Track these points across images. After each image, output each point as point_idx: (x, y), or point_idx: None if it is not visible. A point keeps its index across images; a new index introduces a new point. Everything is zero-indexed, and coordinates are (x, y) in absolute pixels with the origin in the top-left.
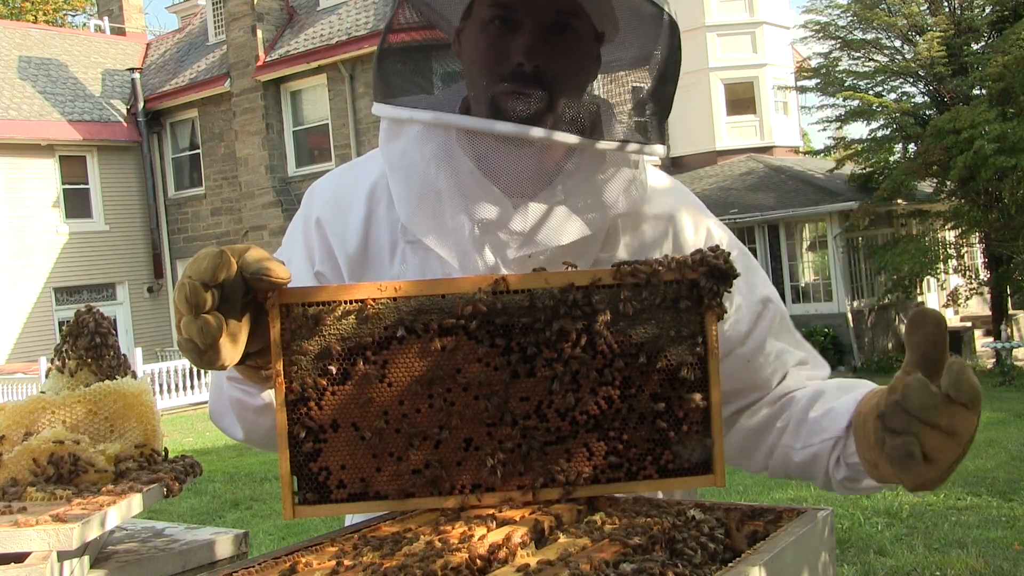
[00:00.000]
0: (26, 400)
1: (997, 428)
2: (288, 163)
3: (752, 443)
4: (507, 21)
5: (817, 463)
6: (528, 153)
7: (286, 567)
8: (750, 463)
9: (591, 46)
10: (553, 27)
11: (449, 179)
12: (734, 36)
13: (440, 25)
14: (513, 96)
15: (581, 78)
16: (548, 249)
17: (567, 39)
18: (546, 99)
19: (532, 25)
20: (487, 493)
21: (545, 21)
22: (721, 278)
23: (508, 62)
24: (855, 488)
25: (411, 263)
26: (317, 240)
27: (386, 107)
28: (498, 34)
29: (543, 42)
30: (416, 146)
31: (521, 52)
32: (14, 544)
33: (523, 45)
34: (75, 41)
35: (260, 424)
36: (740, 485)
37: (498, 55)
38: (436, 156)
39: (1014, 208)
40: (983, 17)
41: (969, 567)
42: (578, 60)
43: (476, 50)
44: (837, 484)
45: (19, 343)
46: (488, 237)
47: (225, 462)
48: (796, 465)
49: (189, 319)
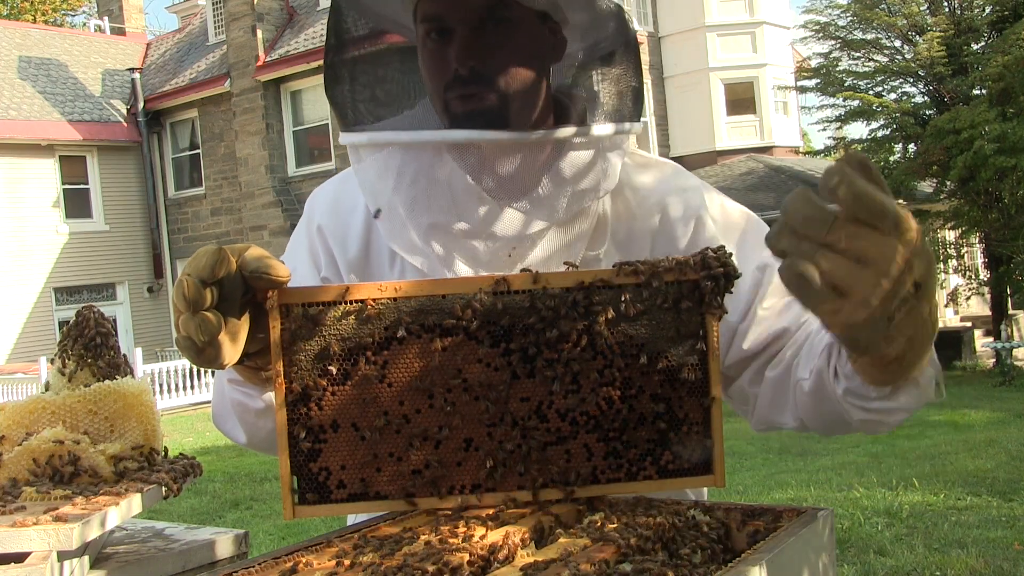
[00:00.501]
0: (26, 400)
1: (997, 428)
2: (288, 163)
3: (779, 393)
4: (442, 32)
5: (823, 383)
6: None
7: (286, 567)
8: (785, 418)
9: (534, 31)
10: (485, 23)
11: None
12: (734, 36)
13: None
14: (459, 100)
15: (527, 65)
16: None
17: (501, 32)
18: (492, 97)
19: (463, 29)
20: (487, 493)
21: (473, 21)
22: (722, 279)
23: (448, 70)
24: (867, 408)
25: (410, 269)
26: (320, 247)
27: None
28: (436, 47)
29: (476, 42)
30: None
31: (455, 58)
32: (14, 544)
33: (455, 51)
34: (75, 41)
35: (261, 427)
36: (740, 485)
37: (440, 64)
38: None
39: (1014, 208)
40: (983, 17)
41: (969, 567)
42: (518, 48)
43: (424, 67)
44: (848, 406)
45: (19, 343)
46: (456, 249)
47: (225, 462)
48: (810, 398)
49: (187, 316)
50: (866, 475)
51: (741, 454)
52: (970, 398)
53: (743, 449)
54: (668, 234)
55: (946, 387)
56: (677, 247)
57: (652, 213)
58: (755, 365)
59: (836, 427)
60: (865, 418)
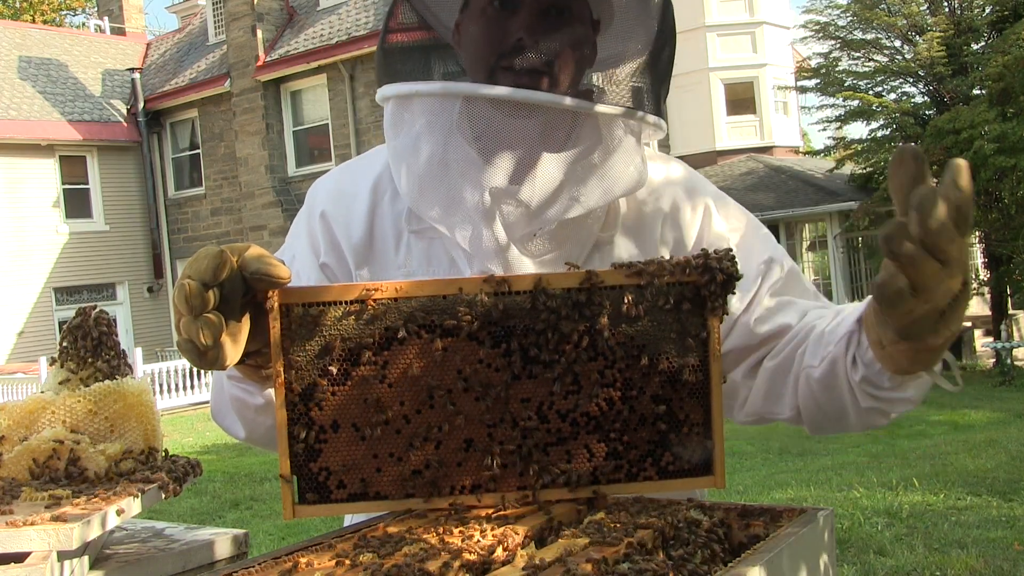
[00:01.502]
0: (26, 400)
1: (997, 428)
2: (288, 163)
3: (778, 382)
4: (505, 3)
5: (836, 371)
6: (533, 124)
7: (286, 567)
8: (780, 408)
9: (587, 27)
10: (551, 8)
11: (455, 151)
12: (734, 36)
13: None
14: (516, 68)
15: (580, 57)
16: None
17: (565, 20)
18: (549, 72)
19: (531, 6)
20: (487, 493)
21: (543, 3)
22: (724, 280)
23: (509, 39)
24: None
25: (416, 253)
26: (321, 232)
27: (392, 86)
28: (497, 16)
29: (541, 21)
30: (421, 126)
31: (522, 29)
32: (14, 544)
33: (523, 23)
34: (75, 41)
35: (260, 423)
36: (740, 485)
37: (499, 35)
38: (442, 130)
39: (1014, 208)
40: (983, 17)
41: (969, 567)
42: (577, 40)
43: (477, 31)
44: (860, 393)
45: (19, 343)
46: (496, 208)
47: (225, 462)
48: (818, 385)
49: (189, 320)
50: (866, 475)
51: (741, 454)
52: (970, 398)
53: (743, 449)
54: (676, 222)
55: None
56: (685, 235)
57: (661, 201)
58: (752, 359)
59: (831, 421)
60: (872, 406)
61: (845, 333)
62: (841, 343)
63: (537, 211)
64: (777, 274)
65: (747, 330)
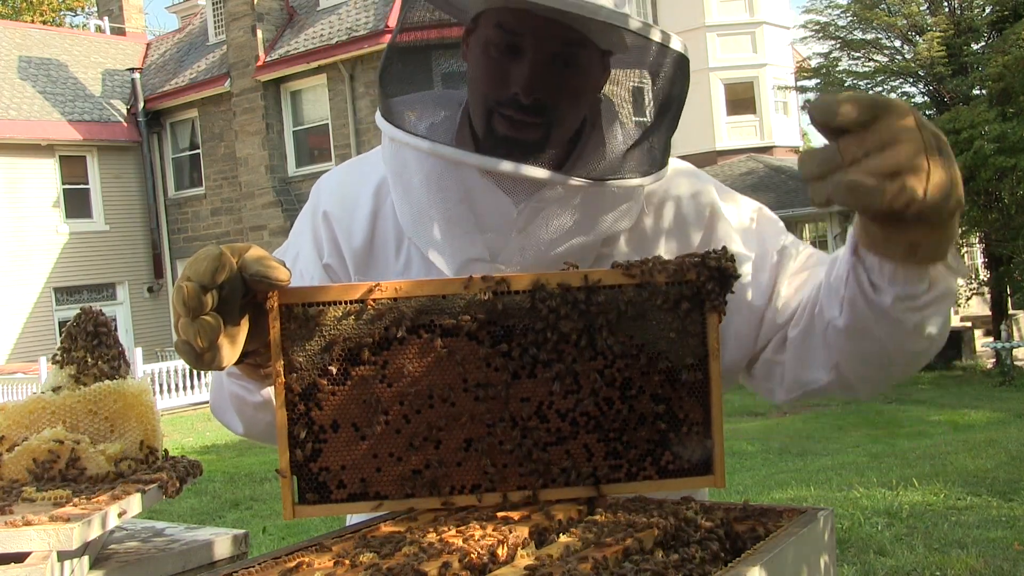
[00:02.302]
0: (26, 400)
1: (997, 428)
2: (288, 163)
3: (807, 346)
4: (511, 46)
5: (858, 308)
6: (521, 189)
7: (286, 567)
8: (816, 373)
9: (595, 76)
10: (556, 58)
11: (441, 209)
12: (734, 36)
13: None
14: (507, 121)
15: (579, 109)
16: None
17: (570, 72)
18: (540, 131)
19: (536, 55)
20: (487, 493)
21: (548, 52)
22: (722, 279)
23: (506, 90)
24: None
25: (416, 261)
26: (324, 233)
27: (387, 126)
28: (500, 58)
29: (544, 74)
30: (413, 163)
31: (521, 82)
32: (14, 544)
33: (524, 76)
34: (75, 41)
35: (259, 420)
36: (740, 485)
37: (498, 80)
38: (430, 182)
39: (1014, 208)
40: (983, 17)
41: (969, 567)
42: (578, 93)
43: (478, 68)
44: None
45: (19, 343)
46: (481, 264)
47: (225, 462)
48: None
49: (187, 321)
50: (866, 475)
51: (741, 454)
52: (970, 398)
53: (743, 449)
54: (682, 230)
55: (949, 385)
56: (691, 243)
57: (665, 219)
58: (779, 335)
59: (875, 367)
60: (917, 320)
61: (848, 271)
62: (851, 282)
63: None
64: (792, 260)
65: (772, 322)
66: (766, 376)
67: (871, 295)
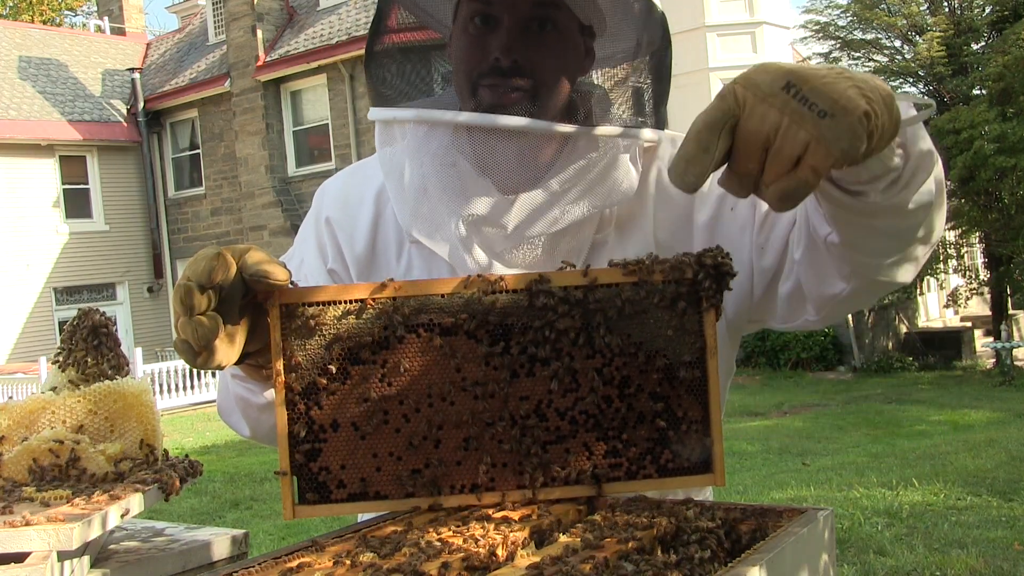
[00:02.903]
0: (26, 400)
1: (997, 428)
2: (288, 163)
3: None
4: (486, 18)
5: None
6: (513, 146)
7: (286, 567)
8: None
9: (574, 39)
10: (532, 21)
11: (435, 176)
12: (734, 36)
13: (435, 27)
14: (491, 89)
15: (563, 70)
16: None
17: (547, 33)
18: (526, 91)
19: (510, 21)
20: (487, 493)
21: (523, 16)
22: (718, 277)
23: (487, 59)
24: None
25: (416, 263)
26: (328, 239)
27: (376, 110)
28: (478, 32)
29: (521, 37)
30: (405, 147)
31: (498, 48)
32: (14, 544)
33: (500, 41)
34: (75, 41)
35: (264, 421)
36: (740, 485)
37: (478, 52)
38: (422, 154)
39: (1014, 208)
40: (983, 17)
41: (969, 567)
42: (559, 52)
43: (459, 49)
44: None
45: (19, 343)
46: (476, 233)
47: (225, 462)
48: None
49: (185, 320)
50: (866, 475)
51: (741, 454)
52: (970, 398)
53: (743, 449)
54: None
55: (949, 385)
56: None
57: (650, 189)
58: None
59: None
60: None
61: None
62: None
63: (517, 231)
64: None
65: (762, 270)
66: (794, 306)
67: (853, 203)
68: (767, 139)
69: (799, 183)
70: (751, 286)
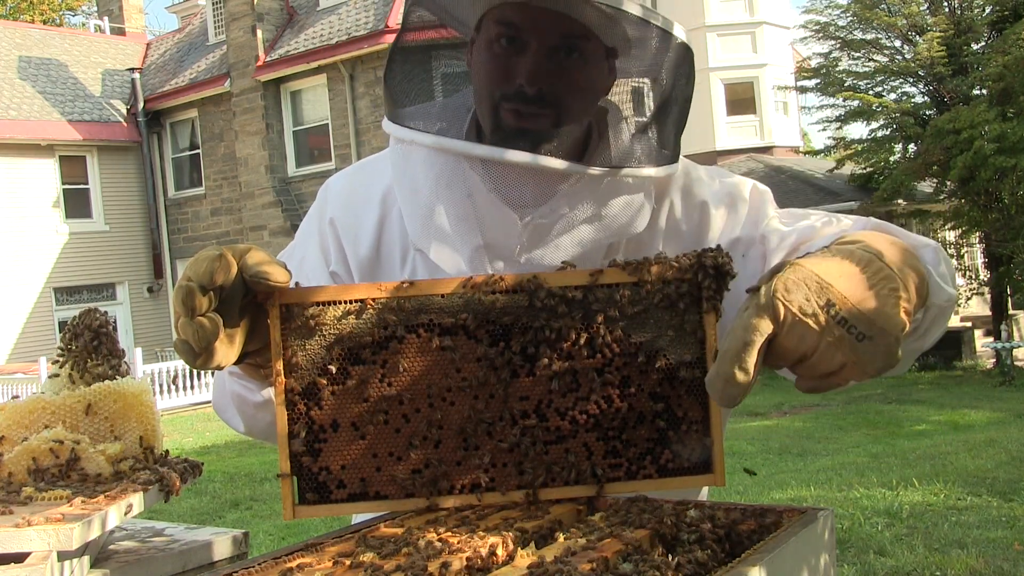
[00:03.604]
0: (26, 400)
1: (997, 428)
2: (288, 163)
3: None
4: (513, 40)
5: None
6: (529, 177)
7: (286, 567)
8: None
9: (599, 65)
10: (559, 49)
11: (450, 204)
12: (734, 36)
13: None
14: (514, 114)
15: (586, 100)
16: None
17: (573, 62)
18: (548, 121)
19: (538, 47)
20: (487, 493)
21: (551, 43)
22: (719, 277)
23: (512, 83)
24: None
25: (420, 270)
26: (331, 241)
27: (391, 126)
28: (504, 53)
29: (548, 64)
30: (421, 166)
31: (524, 74)
32: (14, 544)
33: (527, 67)
34: (75, 41)
35: (260, 419)
36: (740, 485)
37: (502, 74)
38: (438, 179)
39: (1014, 208)
40: (983, 17)
41: (969, 567)
42: (583, 83)
43: (482, 66)
44: None
45: (19, 343)
46: (486, 261)
47: (225, 462)
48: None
49: (185, 321)
50: (866, 475)
51: (741, 454)
52: (970, 398)
53: (743, 449)
54: (675, 231)
55: (949, 385)
56: (685, 244)
57: (660, 222)
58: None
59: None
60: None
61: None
62: None
63: (528, 261)
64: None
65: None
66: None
67: None
68: (803, 356)
69: (829, 387)
70: None
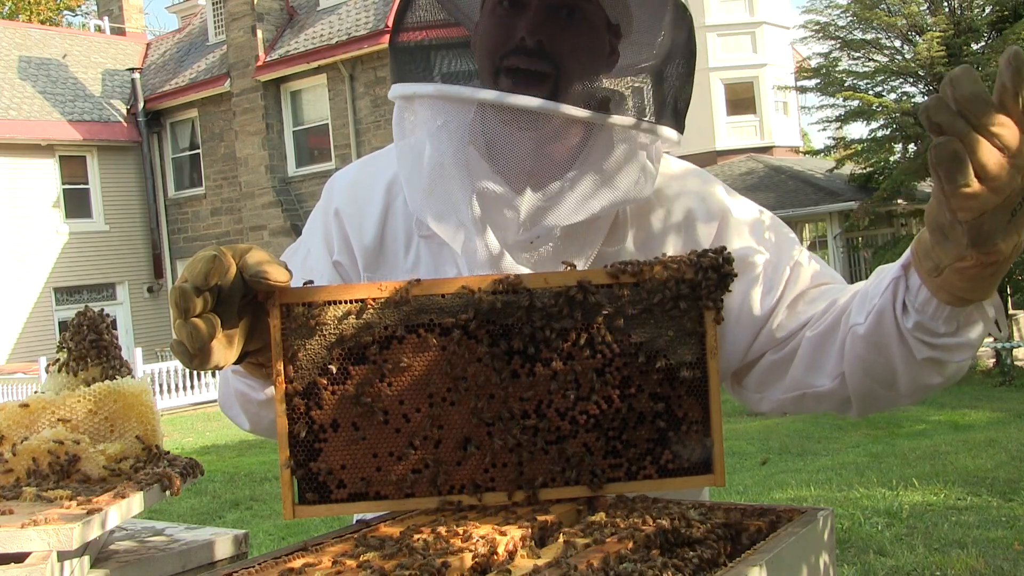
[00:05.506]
0: (26, 400)
1: (997, 428)
2: (288, 163)
3: (821, 350)
4: (515, 3)
5: (883, 323)
6: (533, 131)
7: (286, 567)
8: (821, 378)
9: (600, 34)
10: (560, 8)
11: (452, 155)
12: (734, 36)
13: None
14: (515, 69)
15: (588, 60)
16: (551, 231)
17: (574, 20)
18: (549, 74)
19: (538, 4)
20: (487, 493)
21: (552, 2)
22: (720, 278)
23: (512, 38)
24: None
25: (424, 259)
26: (336, 230)
27: (397, 85)
28: (505, 15)
29: (548, 20)
30: (424, 126)
31: (524, 28)
32: (14, 544)
33: (527, 22)
34: (75, 41)
35: (264, 417)
36: (740, 485)
37: (503, 33)
38: (441, 132)
39: None
40: (983, 17)
41: (969, 567)
42: (584, 43)
43: (484, 32)
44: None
45: (19, 343)
46: (490, 216)
47: (225, 462)
48: (864, 342)
49: (180, 323)
50: (866, 475)
51: (741, 454)
52: (970, 398)
53: (743, 449)
54: (690, 238)
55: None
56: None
57: (674, 217)
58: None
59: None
60: (928, 356)
61: (890, 282)
62: (887, 292)
63: (531, 218)
64: (802, 276)
65: (769, 336)
66: (761, 382)
67: (898, 313)
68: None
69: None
70: (751, 341)
